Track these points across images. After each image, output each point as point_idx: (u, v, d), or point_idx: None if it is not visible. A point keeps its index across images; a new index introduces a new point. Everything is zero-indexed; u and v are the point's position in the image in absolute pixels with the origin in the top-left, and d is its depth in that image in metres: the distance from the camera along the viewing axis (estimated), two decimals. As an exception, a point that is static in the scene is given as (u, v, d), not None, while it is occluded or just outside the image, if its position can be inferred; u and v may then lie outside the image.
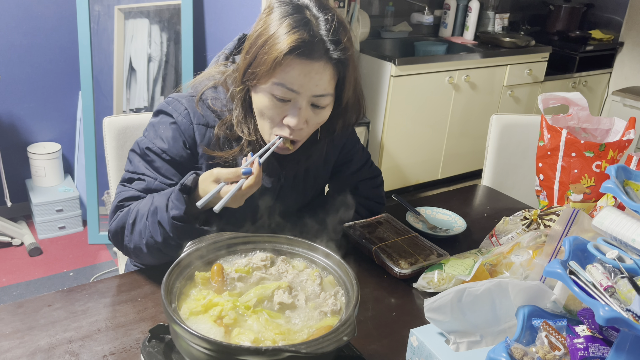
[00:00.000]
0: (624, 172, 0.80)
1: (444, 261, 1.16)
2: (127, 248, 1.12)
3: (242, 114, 1.13)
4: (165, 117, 1.15)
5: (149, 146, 1.14)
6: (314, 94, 1.04)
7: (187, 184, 1.03)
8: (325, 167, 1.34)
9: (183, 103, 1.15)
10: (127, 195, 1.14)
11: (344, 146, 1.35)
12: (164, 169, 1.14)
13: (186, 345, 0.73)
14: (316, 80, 1.02)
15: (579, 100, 1.46)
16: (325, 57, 1.02)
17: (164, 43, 2.83)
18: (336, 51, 1.02)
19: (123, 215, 1.11)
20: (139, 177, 1.14)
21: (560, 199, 1.41)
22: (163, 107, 1.16)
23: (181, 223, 1.03)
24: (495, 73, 3.50)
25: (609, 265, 0.72)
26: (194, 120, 1.14)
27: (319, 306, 0.85)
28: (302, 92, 1.03)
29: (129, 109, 2.86)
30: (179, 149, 1.14)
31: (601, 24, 4.31)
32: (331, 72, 1.04)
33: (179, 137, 1.14)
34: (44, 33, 2.76)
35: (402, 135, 3.28)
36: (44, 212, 2.80)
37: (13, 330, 0.96)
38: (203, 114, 1.14)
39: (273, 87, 1.03)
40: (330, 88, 1.05)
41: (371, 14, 3.46)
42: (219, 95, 1.16)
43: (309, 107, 1.06)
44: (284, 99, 1.04)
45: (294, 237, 0.96)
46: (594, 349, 0.72)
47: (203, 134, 1.14)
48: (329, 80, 1.04)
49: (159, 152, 1.13)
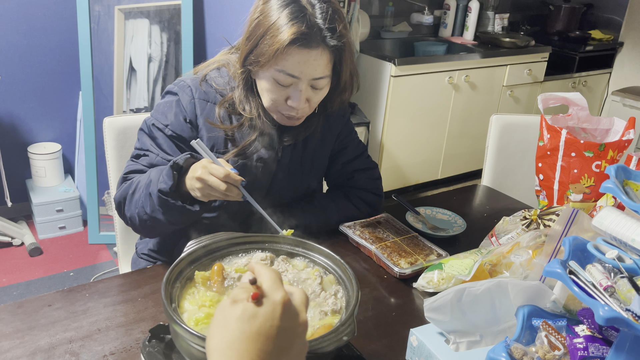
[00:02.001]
0: (624, 172, 0.80)
1: (444, 261, 1.16)
2: (126, 217, 1.21)
3: (244, 94, 1.21)
4: (170, 96, 1.24)
5: (154, 122, 1.22)
6: (313, 77, 1.12)
7: (178, 162, 1.08)
8: (323, 152, 1.37)
9: (187, 82, 1.23)
10: (132, 168, 1.22)
11: (339, 133, 1.39)
12: (166, 145, 1.21)
13: (186, 345, 0.73)
14: (315, 65, 1.10)
15: (578, 100, 1.46)
16: (322, 44, 1.09)
17: (164, 43, 2.83)
18: (333, 39, 1.10)
19: (127, 186, 1.19)
20: (144, 153, 1.22)
21: (560, 199, 1.41)
22: (170, 88, 1.26)
23: (165, 197, 1.09)
24: (495, 73, 3.51)
25: (608, 265, 0.72)
26: (196, 95, 1.22)
27: (319, 305, 0.85)
28: (302, 77, 1.11)
29: (129, 109, 2.86)
30: (181, 123, 1.21)
31: (601, 24, 4.31)
32: (328, 57, 1.12)
33: (180, 112, 1.21)
34: (44, 33, 2.76)
35: (402, 135, 3.28)
36: (44, 212, 2.80)
37: (13, 330, 0.96)
38: (205, 90, 1.23)
39: (274, 73, 1.12)
40: (327, 71, 1.14)
41: (371, 14, 3.46)
42: (222, 74, 1.24)
43: (309, 88, 1.14)
44: (285, 84, 1.12)
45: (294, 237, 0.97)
46: (594, 349, 0.72)
47: (203, 107, 1.22)
48: (326, 64, 1.12)
49: (162, 128, 1.21)
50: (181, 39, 2.75)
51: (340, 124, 1.38)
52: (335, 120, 1.36)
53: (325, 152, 1.38)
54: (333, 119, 1.35)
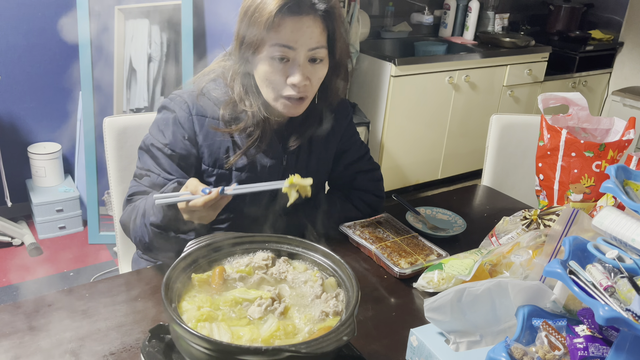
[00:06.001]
0: (624, 172, 0.80)
1: (444, 261, 1.16)
2: (132, 239, 1.20)
3: (244, 90, 1.19)
4: (167, 112, 1.22)
5: (152, 142, 1.20)
6: (310, 47, 1.11)
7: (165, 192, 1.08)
8: (327, 154, 1.36)
9: (184, 97, 1.21)
10: (135, 190, 1.21)
11: (342, 135, 1.38)
12: (167, 165, 1.19)
13: (186, 345, 0.73)
14: (309, 33, 1.10)
15: (578, 100, 1.46)
16: (312, 11, 1.10)
17: (164, 43, 2.83)
18: (321, 3, 1.11)
19: (130, 210, 1.19)
20: (146, 173, 1.21)
21: (560, 198, 1.41)
22: (166, 103, 1.23)
23: (158, 230, 1.09)
24: (495, 73, 3.50)
25: (608, 265, 0.72)
26: (193, 112, 1.19)
27: (320, 306, 0.85)
28: (298, 47, 1.10)
29: (129, 109, 2.86)
30: (179, 141, 1.19)
31: (601, 24, 4.30)
32: (321, 25, 1.12)
33: (179, 130, 1.19)
34: (44, 33, 2.75)
35: (402, 135, 3.28)
36: (44, 212, 2.80)
37: (13, 330, 0.96)
38: (202, 105, 1.20)
39: (270, 50, 1.10)
40: (322, 40, 1.13)
41: (371, 14, 3.46)
42: (218, 86, 1.22)
43: (308, 64, 1.13)
44: (283, 58, 1.11)
45: (294, 237, 0.96)
46: (594, 349, 0.72)
47: (202, 123, 1.20)
48: (320, 33, 1.12)
49: (161, 147, 1.19)
50: (181, 39, 2.75)
51: (342, 125, 1.38)
52: (338, 122, 1.35)
53: (329, 154, 1.37)
54: (336, 121, 1.34)
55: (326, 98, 1.26)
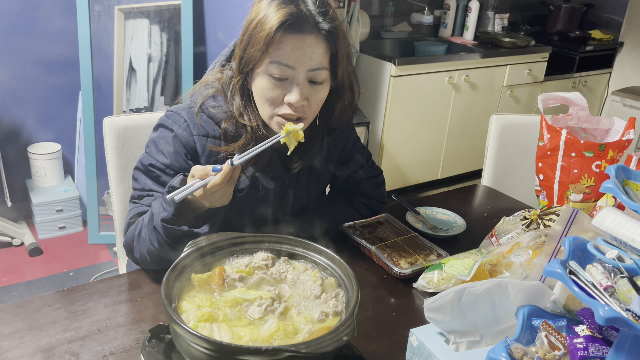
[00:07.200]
0: (624, 172, 0.80)
1: (444, 261, 1.16)
2: (136, 258, 1.14)
3: (243, 104, 1.14)
4: (165, 131, 1.16)
5: (152, 163, 1.15)
6: (310, 67, 1.05)
7: (173, 185, 1.04)
8: (328, 167, 1.34)
9: (182, 115, 1.16)
10: (138, 211, 1.16)
11: (344, 145, 1.35)
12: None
13: (186, 345, 0.73)
14: (309, 53, 1.04)
15: (578, 100, 1.46)
16: (315, 30, 1.04)
17: (164, 43, 2.83)
18: (325, 22, 1.05)
19: (132, 229, 1.13)
20: (147, 194, 1.16)
21: (560, 199, 1.41)
22: (163, 121, 1.17)
23: (170, 225, 1.04)
24: (495, 73, 3.51)
25: (608, 265, 0.72)
26: (194, 132, 1.15)
27: (319, 306, 0.85)
28: (298, 67, 1.05)
29: (129, 109, 2.86)
30: (181, 162, 1.15)
31: (601, 24, 4.31)
32: (323, 46, 1.06)
33: (180, 149, 1.15)
34: (44, 33, 2.76)
35: (402, 135, 3.28)
36: (44, 212, 2.80)
37: (13, 330, 0.96)
38: (203, 124, 1.15)
39: (269, 67, 1.05)
40: (324, 62, 1.07)
41: (371, 14, 3.46)
42: (218, 103, 1.17)
43: (307, 84, 1.08)
44: (282, 78, 1.06)
45: (294, 237, 0.96)
46: (594, 349, 0.72)
47: (203, 144, 1.15)
48: (322, 54, 1.06)
49: (162, 168, 1.14)
50: (181, 39, 2.75)
51: (343, 137, 1.34)
52: (338, 134, 1.30)
53: (330, 168, 1.34)
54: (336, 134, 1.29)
55: (328, 121, 1.21)
